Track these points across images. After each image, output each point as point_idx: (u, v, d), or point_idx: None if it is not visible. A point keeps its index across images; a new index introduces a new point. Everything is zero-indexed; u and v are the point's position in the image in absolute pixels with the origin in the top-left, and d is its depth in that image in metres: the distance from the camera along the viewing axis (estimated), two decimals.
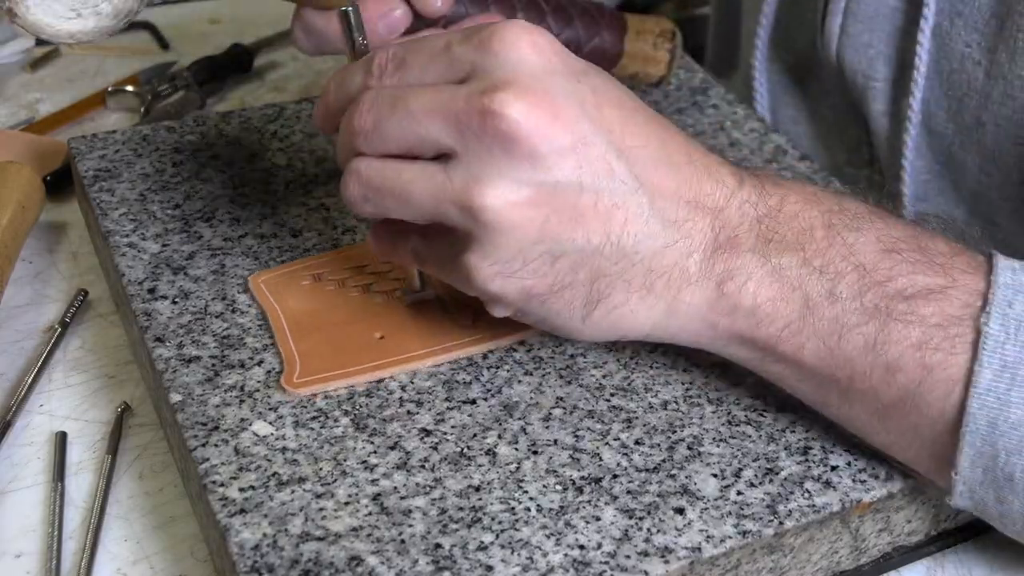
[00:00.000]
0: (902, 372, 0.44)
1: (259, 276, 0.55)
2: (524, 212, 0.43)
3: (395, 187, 0.45)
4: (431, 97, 0.44)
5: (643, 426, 0.49)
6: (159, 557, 0.49)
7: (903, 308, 0.44)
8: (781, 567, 0.47)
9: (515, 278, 0.44)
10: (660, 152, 0.45)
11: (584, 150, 0.43)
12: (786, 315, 0.45)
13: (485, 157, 0.43)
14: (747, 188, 0.46)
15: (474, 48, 0.44)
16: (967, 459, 0.43)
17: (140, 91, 0.80)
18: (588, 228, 0.44)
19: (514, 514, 0.45)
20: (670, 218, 0.45)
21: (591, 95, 0.44)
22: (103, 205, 0.60)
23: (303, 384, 0.50)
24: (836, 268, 0.44)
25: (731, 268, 0.45)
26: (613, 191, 0.44)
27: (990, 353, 0.42)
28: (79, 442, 0.54)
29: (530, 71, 0.43)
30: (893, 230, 0.45)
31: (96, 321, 0.61)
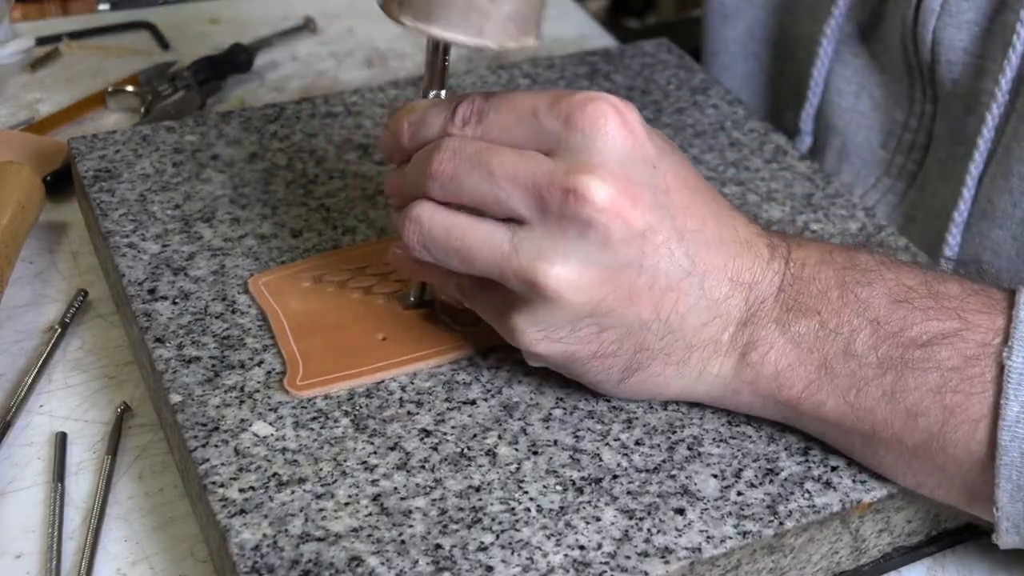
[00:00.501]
0: (923, 416, 0.44)
1: (260, 278, 0.55)
2: (584, 292, 0.44)
3: (459, 247, 0.46)
4: (516, 164, 0.44)
5: (643, 426, 0.49)
6: (159, 557, 0.49)
7: (919, 355, 0.44)
8: (781, 567, 0.47)
9: (560, 344, 0.46)
10: (715, 233, 0.46)
11: (651, 237, 0.45)
12: (805, 377, 0.46)
13: (558, 235, 0.44)
14: (778, 259, 0.47)
15: (562, 122, 0.44)
16: (1006, 494, 0.43)
17: (140, 91, 0.80)
18: (641, 307, 0.45)
19: (514, 514, 0.45)
20: (715, 296, 0.46)
21: (663, 180, 0.45)
22: (103, 205, 0.60)
23: (306, 386, 0.50)
24: (851, 326, 0.46)
25: (755, 339, 0.47)
26: (670, 274, 0.45)
27: (1016, 386, 0.43)
28: (79, 442, 0.54)
29: (616, 156, 0.44)
30: (905, 279, 0.46)
31: (96, 321, 0.61)
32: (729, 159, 0.66)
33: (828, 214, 0.62)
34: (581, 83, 0.73)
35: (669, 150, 0.47)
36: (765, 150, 0.67)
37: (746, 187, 0.64)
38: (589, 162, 0.44)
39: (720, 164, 0.66)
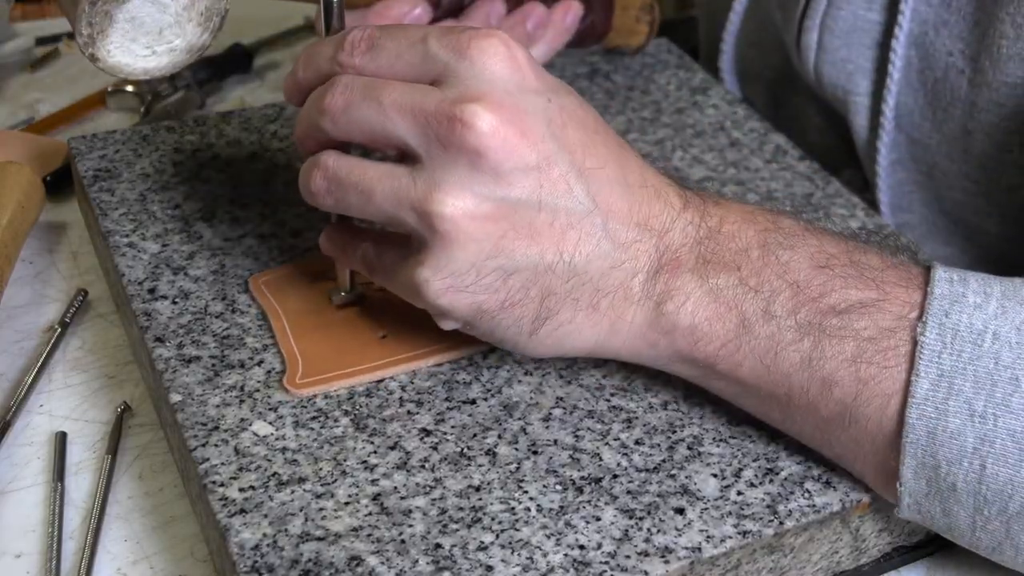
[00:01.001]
0: (838, 386, 0.44)
1: (260, 277, 0.55)
2: (482, 226, 0.44)
3: (359, 183, 0.45)
4: (404, 94, 0.44)
5: (643, 426, 0.49)
6: (159, 557, 0.49)
7: (836, 323, 0.44)
8: (781, 567, 0.47)
9: (466, 293, 0.45)
10: (617, 174, 0.46)
11: (547, 169, 0.44)
12: (723, 334, 0.46)
13: (449, 166, 0.43)
14: (691, 210, 0.47)
15: (451, 50, 0.44)
16: (910, 470, 0.43)
17: (140, 91, 0.80)
18: (543, 246, 0.45)
19: (514, 514, 0.45)
20: (620, 240, 0.46)
21: (558, 115, 0.45)
22: (103, 205, 0.60)
23: (306, 385, 0.50)
24: (771, 286, 0.45)
25: (671, 289, 0.46)
26: (570, 211, 0.45)
27: (927, 363, 0.43)
28: (79, 442, 0.54)
29: (504, 86, 0.44)
30: (827, 246, 0.46)
31: (96, 321, 0.61)
32: (729, 159, 0.66)
33: (828, 214, 0.62)
34: (581, 83, 0.73)
35: (564, 90, 0.46)
36: (765, 150, 0.67)
37: (746, 187, 0.64)
38: (475, 90, 0.43)
39: (720, 164, 0.66)
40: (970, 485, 0.42)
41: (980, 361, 0.42)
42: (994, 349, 0.42)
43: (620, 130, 0.68)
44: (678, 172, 0.65)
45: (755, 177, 0.65)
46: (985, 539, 0.44)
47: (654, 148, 0.67)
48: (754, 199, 0.63)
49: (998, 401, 0.42)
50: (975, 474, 0.42)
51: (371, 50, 0.46)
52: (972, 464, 0.42)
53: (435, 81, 0.44)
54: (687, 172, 0.65)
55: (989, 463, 0.42)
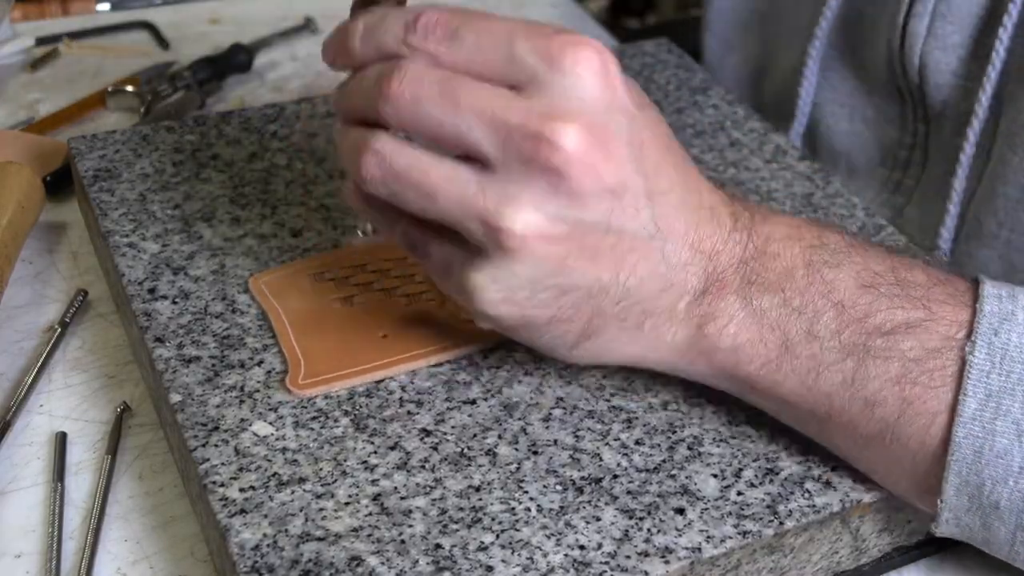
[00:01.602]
0: (881, 406, 0.44)
1: (260, 277, 0.55)
2: (549, 246, 0.42)
3: (421, 182, 0.42)
4: (486, 99, 0.41)
5: (643, 426, 0.49)
6: (159, 557, 0.49)
7: (881, 344, 0.44)
8: (781, 567, 0.47)
9: (518, 306, 0.43)
10: (682, 196, 0.45)
11: (621, 194, 0.42)
12: (764, 355, 0.45)
13: (526, 182, 0.41)
14: (740, 229, 0.46)
15: (541, 57, 0.41)
16: (952, 488, 0.43)
17: (140, 91, 0.80)
18: (601, 268, 0.43)
19: (514, 514, 0.45)
20: (674, 262, 0.45)
21: (639, 135, 0.43)
22: (103, 205, 0.60)
23: (308, 385, 0.50)
24: (815, 307, 0.45)
25: (714, 310, 0.45)
26: (635, 235, 0.43)
27: (975, 382, 0.42)
28: (79, 442, 0.54)
29: (595, 104, 0.42)
30: (872, 264, 0.46)
31: (96, 321, 0.61)
32: (729, 159, 0.66)
33: (828, 214, 0.62)
34: None
35: (646, 104, 0.44)
36: (765, 150, 0.67)
37: (746, 187, 0.64)
38: (566, 108, 0.41)
39: (720, 164, 0.66)
40: (1014, 504, 0.42)
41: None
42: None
43: None
44: None
45: (755, 177, 0.65)
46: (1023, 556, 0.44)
47: None
48: (754, 199, 0.63)
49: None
50: (1020, 493, 0.42)
51: (449, 39, 0.42)
52: (1018, 483, 0.42)
53: (519, 86, 0.41)
54: None
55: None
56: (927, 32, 0.64)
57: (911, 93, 0.67)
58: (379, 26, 0.43)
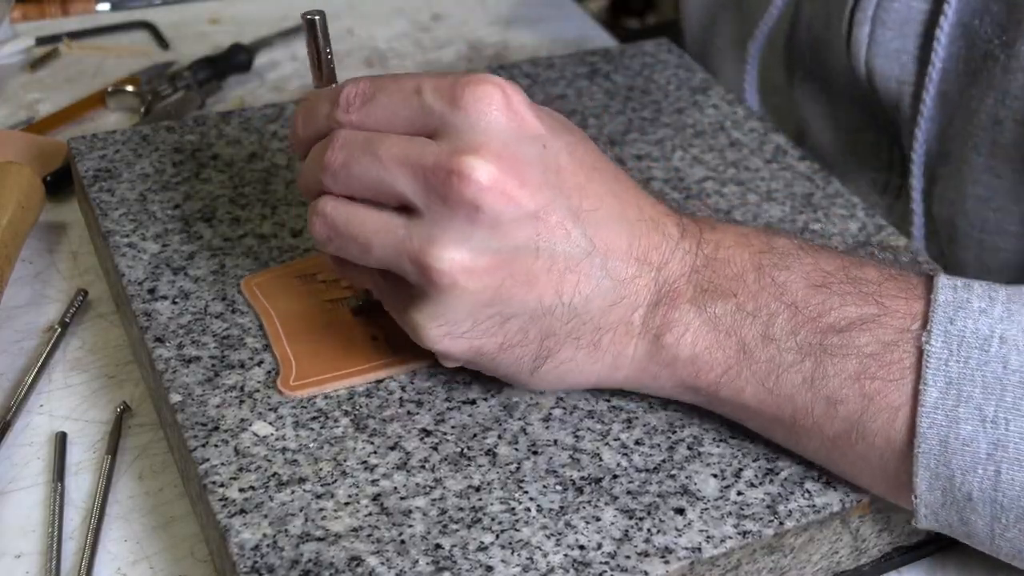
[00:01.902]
0: (843, 404, 0.44)
1: (252, 279, 0.55)
2: (478, 278, 0.43)
3: (358, 235, 0.45)
4: (402, 148, 0.44)
5: (643, 426, 0.49)
6: (159, 557, 0.49)
7: (837, 341, 0.44)
8: (781, 567, 0.47)
9: (463, 339, 0.45)
10: (615, 210, 0.46)
11: (544, 217, 0.44)
12: (723, 361, 0.46)
13: (446, 220, 0.43)
14: (688, 238, 0.47)
15: (445, 102, 0.44)
16: (924, 482, 0.43)
17: (140, 91, 0.80)
18: (541, 291, 0.44)
19: (514, 514, 0.45)
20: (620, 276, 0.45)
21: (555, 159, 0.45)
22: (103, 205, 0.60)
23: (299, 387, 0.50)
24: (769, 309, 0.45)
25: (669, 321, 0.46)
26: (568, 255, 0.44)
27: (934, 371, 0.43)
28: (79, 442, 0.54)
29: (500, 135, 0.44)
30: (823, 264, 0.46)
31: (96, 321, 0.61)
32: (729, 159, 0.66)
33: (828, 214, 0.62)
34: (581, 83, 0.73)
35: (561, 129, 0.46)
36: (765, 150, 0.67)
37: (746, 187, 0.64)
38: (472, 142, 0.43)
39: (720, 164, 0.66)
40: (986, 493, 0.42)
41: (988, 366, 0.42)
42: (1002, 353, 0.42)
43: (620, 130, 0.68)
44: (678, 172, 0.65)
45: (755, 177, 0.65)
46: (1005, 547, 0.44)
47: (654, 148, 0.67)
48: (754, 199, 0.63)
49: (1009, 405, 0.42)
50: (990, 481, 0.42)
51: (366, 104, 0.45)
52: (987, 471, 0.42)
53: (433, 133, 0.44)
54: (687, 172, 0.65)
55: (1004, 468, 0.42)
56: (869, 39, 0.65)
57: (869, 99, 0.68)
58: (312, 110, 0.47)
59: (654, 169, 0.65)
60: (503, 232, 0.43)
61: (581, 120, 0.69)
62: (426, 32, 0.92)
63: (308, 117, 0.48)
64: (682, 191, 0.63)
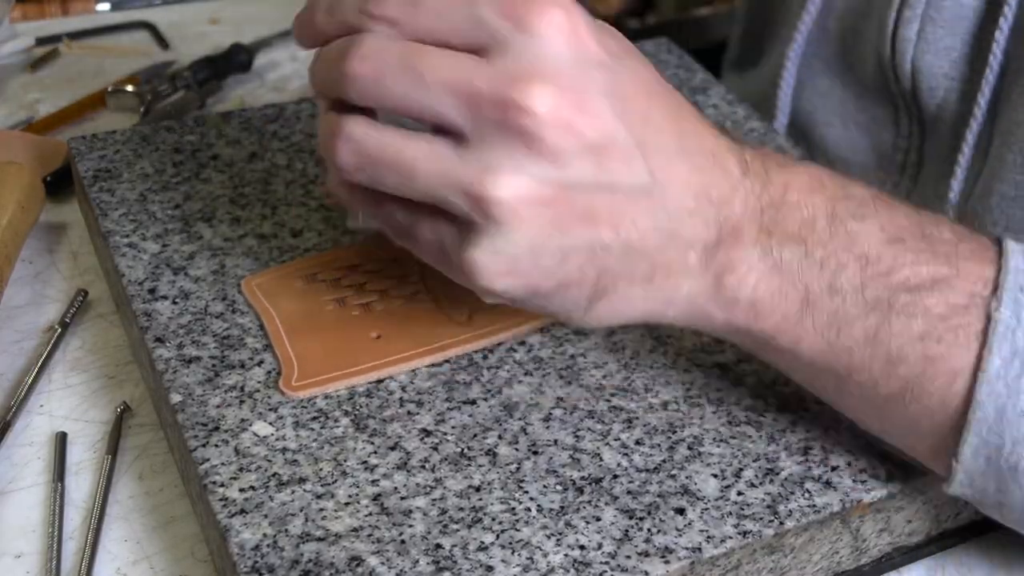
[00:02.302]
0: (903, 364, 0.43)
1: (252, 279, 0.55)
2: (540, 210, 0.41)
3: (398, 162, 0.41)
4: (450, 68, 0.40)
5: (643, 426, 0.49)
6: (159, 557, 0.49)
7: (906, 299, 0.43)
8: (781, 567, 0.47)
9: (522, 276, 0.42)
10: (676, 142, 0.43)
11: (606, 149, 0.41)
12: (784, 309, 0.44)
13: (503, 148, 0.40)
14: (751, 177, 0.44)
15: (506, 18, 0.40)
16: (970, 448, 0.43)
17: (140, 91, 0.80)
18: (599, 227, 0.42)
19: (514, 514, 0.45)
20: (676, 210, 0.43)
21: (619, 87, 0.42)
22: (103, 205, 0.60)
23: (301, 387, 0.50)
24: (838, 260, 0.43)
25: (732, 261, 0.44)
26: (629, 188, 0.42)
27: (1000, 339, 0.42)
28: (79, 442, 0.54)
29: (564, 63, 0.40)
30: (898, 218, 0.45)
31: (96, 321, 0.61)
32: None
33: None
34: None
35: (627, 53, 0.43)
36: None
37: None
38: (532, 67, 0.40)
39: None
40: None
41: None
42: None
43: None
44: None
45: None
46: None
47: None
48: None
49: None
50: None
51: (408, 4, 0.41)
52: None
53: (484, 50, 0.40)
54: None
55: None
56: (917, 37, 0.64)
57: (903, 98, 0.67)
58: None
59: None
60: (564, 164, 0.40)
61: None
62: None
63: (334, 3, 0.42)
64: None
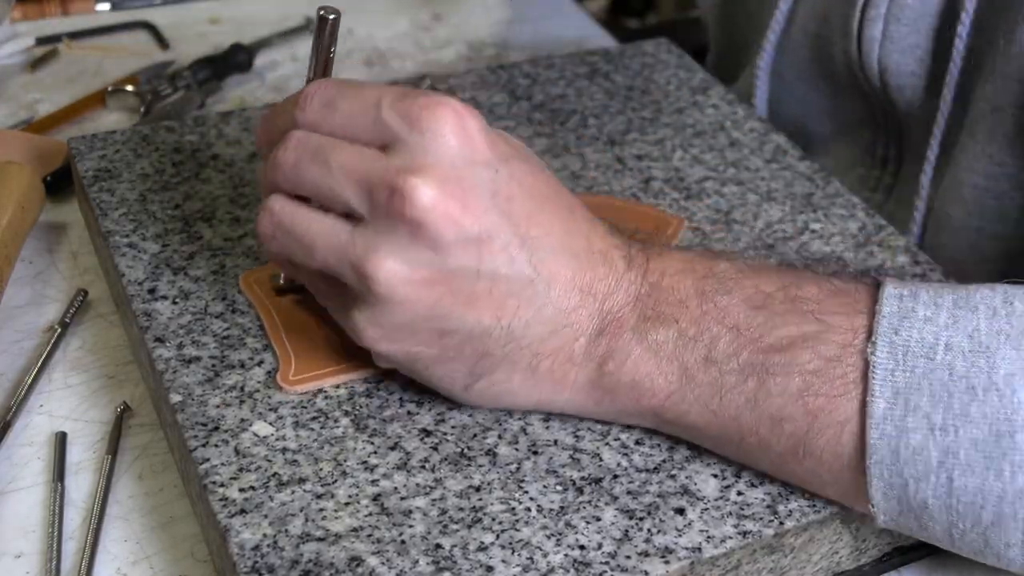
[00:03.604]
0: (788, 422, 0.44)
1: (251, 275, 0.55)
2: (417, 290, 0.44)
3: (303, 234, 0.46)
4: (351, 158, 0.45)
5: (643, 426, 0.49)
6: (159, 557, 0.49)
7: (779, 360, 0.44)
8: (781, 567, 0.47)
9: (400, 344, 0.46)
10: (563, 241, 0.46)
11: (488, 241, 0.44)
12: (665, 386, 0.46)
13: (389, 232, 0.44)
14: (634, 269, 0.47)
15: (402, 118, 0.44)
16: (879, 492, 0.43)
17: (140, 91, 0.80)
18: (480, 312, 0.45)
19: (514, 514, 0.45)
20: (562, 306, 0.46)
21: (505, 185, 0.45)
22: (103, 205, 0.60)
23: (299, 381, 0.50)
24: (711, 333, 0.45)
25: (612, 349, 0.46)
26: (511, 280, 0.45)
27: (881, 382, 0.43)
28: (79, 442, 0.54)
29: (450, 159, 0.44)
30: (763, 285, 0.46)
31: (96, 321, 0.61)
32: (729, 159, 0.66)
33: (828, 214, 0.62)
34: (581, 83, 0.73)
35: (516, 156, 0.46)
36: (765, 150, 0.67)
37: (746, 187, 0.64)
38: (420, 162, 0.44)
39: (720, 164, 0.66)
40: (940, 500, 0.43)
41: (934, 374, 0.42)
42: (947, 360, 0.42)
43: (620, 130, 0.68)
44: (678, 172, 0.65)
45: (755, 177, 0.65)
46: (965, 548, 0.44)
47: (654, 148, 0.67)
48: (754, 199, 0.63)
49: (956, 412, 0.42)
50: (944, 488, 0.42)
51: (325, 108, 0.46)
52: (939, 478, 0.42)
53: (385, 147, 0.45)
54: (687, 172, 0.65)
55: (956, 475, 0.42)
56: (882, 36, 0.65)
57: (875, 96, 0.68)
58: (280, 108, 0.48)
59: (654, 169, 0.65)
60: (444, 251, 0.44)
61: (581, 120, 0.69)
62: (426, 32, 0.92)
63: (273, 115, 0.48)
64: (682, 191, 0.63)
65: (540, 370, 0.46)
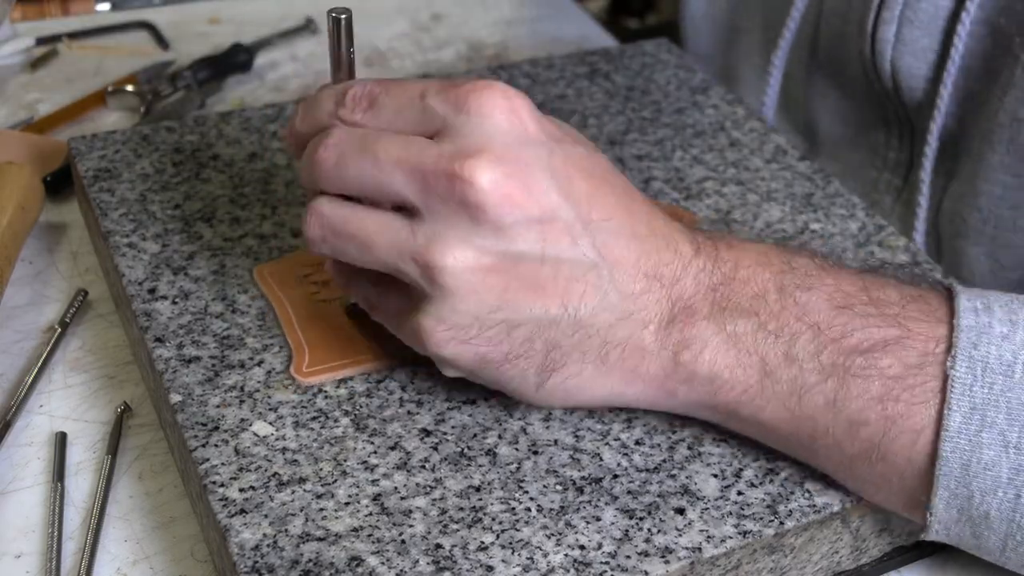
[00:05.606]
0: (865, 426, 0.44)
1: (264, 267, 0.56)
2: (484, 278, 0.43)
3: (358, 234, 0.45)
4: (400, 148, 0.43)
5: (643, 426, 0.49)
6: (159, 557, 0.49)
7: (860, 363, 0.44)
8: (781, 567, 0.47)
9: (470, 344, 0.44)
10: (624, 224, 0.45)
11: (550, 222, 0.43)
12: (744, 380, 0.45)
13: (450, 220, 0.43)
14: (703, 256, 0.46)
15: (449, 104, 0.43)
16: (942, 501, 0.43)
17: (140, 91, 0.80)
18: (547, 299, 0.44)
19: (514, 514, 0.45)
20: (627, 291, 0.45)
21: (563, 165, 0.44)
22: (103, 205, 0.60)
23: (313, 373, 0.50)
24: (791, 329, 0.45)
25: (687, 337, 0.45)
26: (574, 264, 0.44)
27: (959, 396, 0.43)
28: (79, 442, 0.54)
29: (504, 139, 0.43)
30: (844, 285, 0.46)
31: (96, 321, 0.61)
32: (729, 159, 0.66)
33: (828, 214, 0.62)
34: (581, 83, 0.73)
35: (569, 139, 0.45)
36: (765, 150, 0.67)
37: (746, 187, 0.64)
38: (474, 145, 0.43)
39: (720, 164, 0.66)
40: (1004, 513, 0.43)
41: (1012, 392, 0.42)
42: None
43: (620, 130, 0.68)
44: (678, 172, 0.65)
45: (755, 177, 0.65)
46: (1015, 559, 0.44)
47: (654, 148, 0.67)
48: (754, 199, 0.63)
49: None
50: (1009, 503, 0.42)
51: (372, 108, 0.45)
52: (1007, 494, 0.42)
53: (434, 135, 0.44)
54: (687, 172, 0.65)
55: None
56: (895, 38, 0.65)
57: (888, 98, 0.68)
58: (314, 105, 0.47)
59: (654, 169, 0.65)
60: (507, 235, 0.43)
61: (581, 120, 0.69)
62: (426, 32, 0.92)
63: (310, 112, 0.47)
64: (682, 191, 0.63)
65: (610, 360, 0.45)
